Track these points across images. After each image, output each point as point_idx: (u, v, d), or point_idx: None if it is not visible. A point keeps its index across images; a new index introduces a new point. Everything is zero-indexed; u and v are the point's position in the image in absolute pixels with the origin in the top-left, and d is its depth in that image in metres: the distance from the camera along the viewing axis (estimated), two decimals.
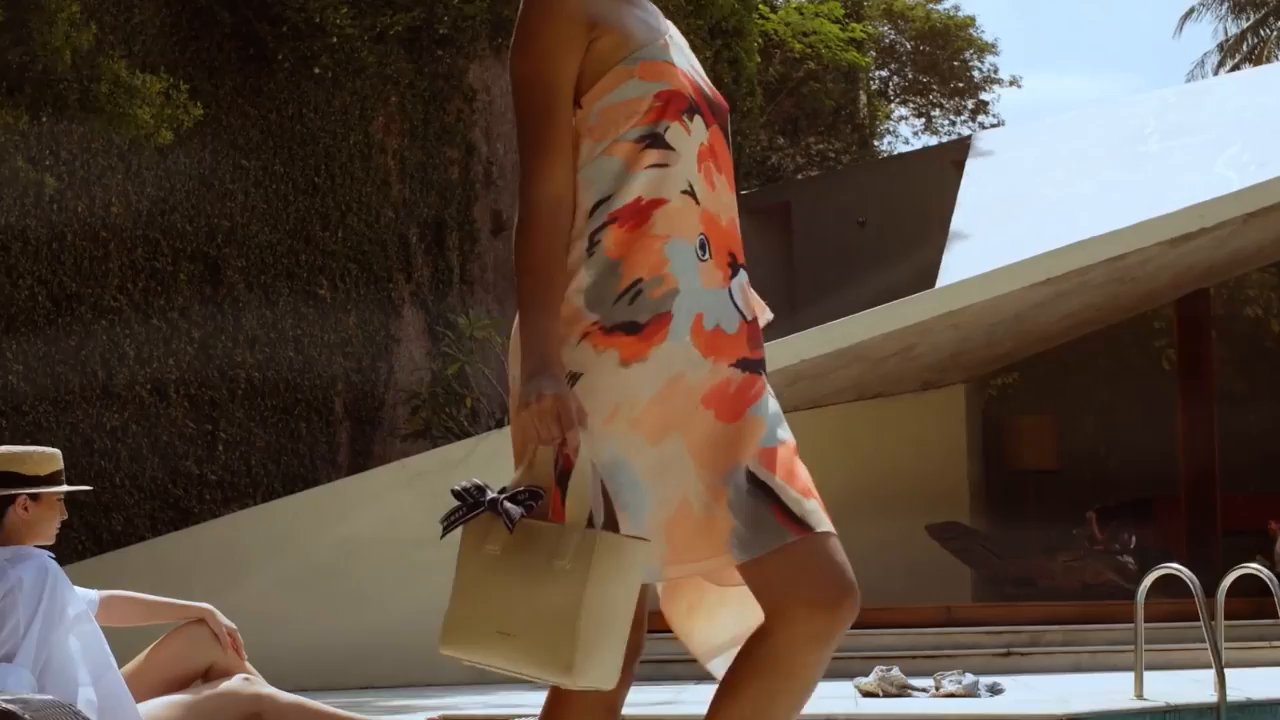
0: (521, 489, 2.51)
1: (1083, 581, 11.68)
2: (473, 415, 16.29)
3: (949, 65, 34.09)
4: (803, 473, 2.60)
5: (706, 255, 2.59)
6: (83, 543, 12.31)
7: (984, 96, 34.70)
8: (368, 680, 10.34)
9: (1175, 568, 7.04)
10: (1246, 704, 7.15)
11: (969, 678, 7.92)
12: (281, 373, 15.03)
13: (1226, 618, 7.56)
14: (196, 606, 4.47)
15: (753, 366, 2.60)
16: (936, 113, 35.39)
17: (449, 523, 2.59)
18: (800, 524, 2.51)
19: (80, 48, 8.28)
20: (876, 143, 35.94)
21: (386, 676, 10.35)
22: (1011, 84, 34.89)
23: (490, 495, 2.54)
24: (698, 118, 2.62)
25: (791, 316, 18.76)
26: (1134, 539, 14.04)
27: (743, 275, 2.65)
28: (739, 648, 2.61)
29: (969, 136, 20.24)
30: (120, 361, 13.12)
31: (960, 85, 34.07)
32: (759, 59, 27.26)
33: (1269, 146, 15.49)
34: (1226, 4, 36.90)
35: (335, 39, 14.68)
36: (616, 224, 2.55)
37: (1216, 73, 36.39)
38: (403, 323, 17.13)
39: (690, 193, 2.58)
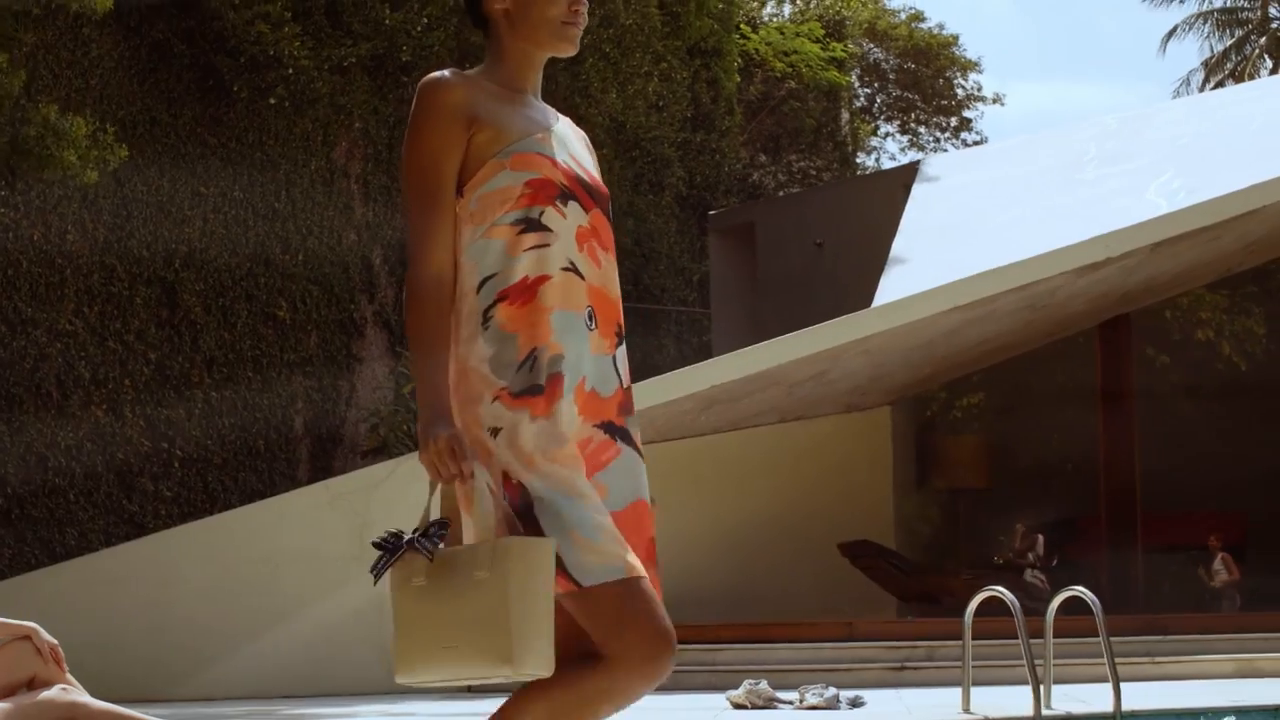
0: (430, 523, 2.80)
1: (968, 597, 12.06)
2: None
3: (932, 83, 34.53)
4: (638, 534, 2.89)
5: (594, 325, 2.90)
6: (36, 556, 12.86)
7: (967, 114, 35.16)
8: (290, 688, 10.85)
9: (999, 590, 7.51)
10: (1066, 718, 7.62)
11: (831, 691, 8.40)
12: (239, 391, 15.57)
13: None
14: (21, 625, 4.94)
15: (613, 431, 2.90)
16: (923, 130, 35.83)
17: (377, 570, 2.81)
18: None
19: (10, 94, 8.79)
20: (863, 159, 36.43)
21: (307, 684, 10.86)
22: (995, 101, 35.33)
23: (406, 537, 2.80)
24: (573, 203, 2.90)
25: (755, 332, 19.28)
26: (1055, 555, 14.49)
27: (623, 346, 2.97)
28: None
29: (918, 161, 20.67)
30: (75, 383, 13.67)
31: (943, 103, 34.50)
32: (739, 78, 27.76)
33: (1200, 174, 15.93)
34: (1209, 23, 37.26)
35: (291, 70, 15.22)
36: (506, 301, 2.84)
37: (1202, 89, 36.77)
38: (365, 342, 17.66)
39: (573, 269, 2.87)
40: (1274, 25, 37.50)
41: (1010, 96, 77.75)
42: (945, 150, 35.58)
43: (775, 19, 33.18)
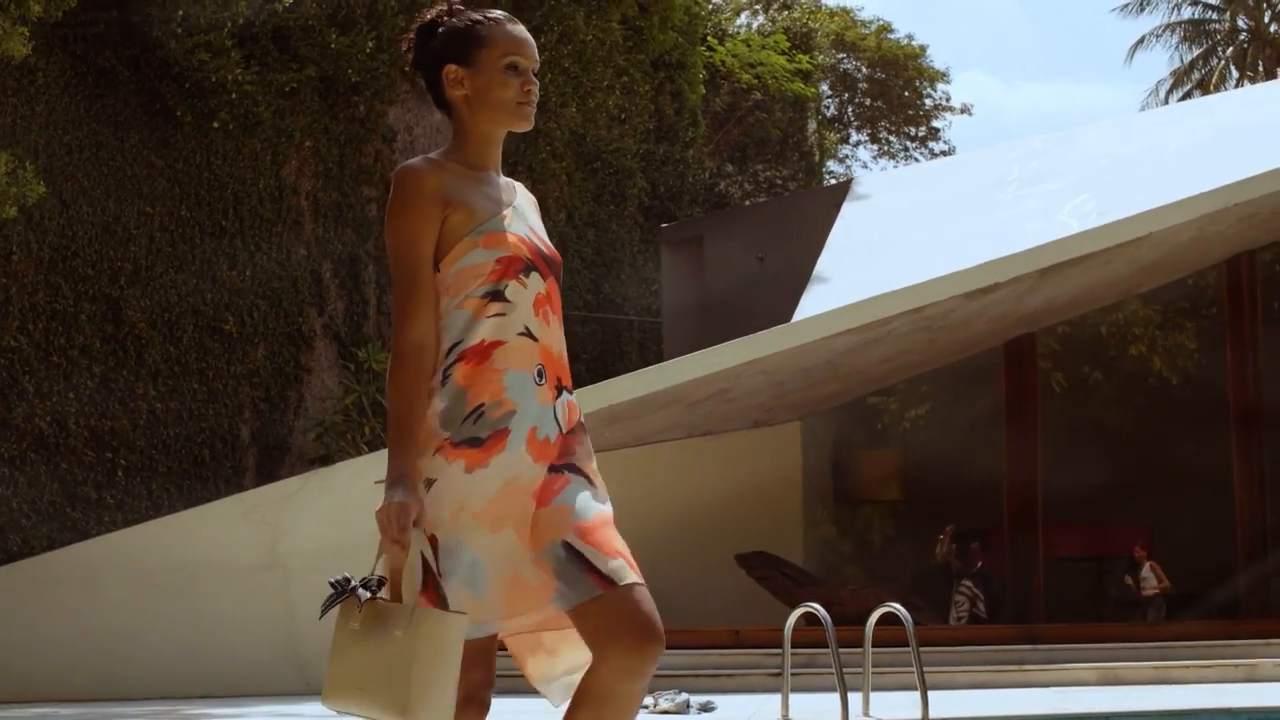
0: (373, 577, 3.13)
1: (868, 607, 12.68)
2: (373, 442, 17.43)
3: (900, 93, 35.09)
4: (613, 537, 3.18)
5: (542, 381, 3.22)
6: None
7: (936, 124, 35.75)
8: (205, 689, 11.49)
9: (814, 607, 8.12)
10: None
11: (682, 696, 9.02)
12: (185, 402, 16.22)
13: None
14: None
15: (559, 469, 3.20)
16: (893, 139, 36.41)
17: (324, 607, 3.15)
18: (607, 580, 3.11)
19: None
20: (835, 168, 37.03)
21: (221, 686, 11.50)
22: (963, 111, 35.89)
23: (353, 584, 3.13)
24: (534, 274, 3.24)
25: (703, 343, 19.87)
26: (977, 563, 15.11)
27: (565, 396, 3.28)
28: (573, 676, 3.29)
29: (850, 180, 21.25)
30: (19, 396, 14.31)
31: (911, 113, 35.07)
32: (703, 90, 28.30)
33: (1112, 196, 16.51)
34: (1177, 34, 37.78)
35: (235, 95, 15.85)
36: (463, 361, 3.16)
37: (1167, 100, 37.29)
38: (314, 354, 18.29)
39: (527, 334, 3.21)
40: (1241, 37, 38.03)
41: (1013, 96, 78.30)
42: (915, 159, 36.21)
43: (744, 30, 33.77)
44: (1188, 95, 36.88)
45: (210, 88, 15.69)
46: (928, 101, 35.31)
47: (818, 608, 8.11)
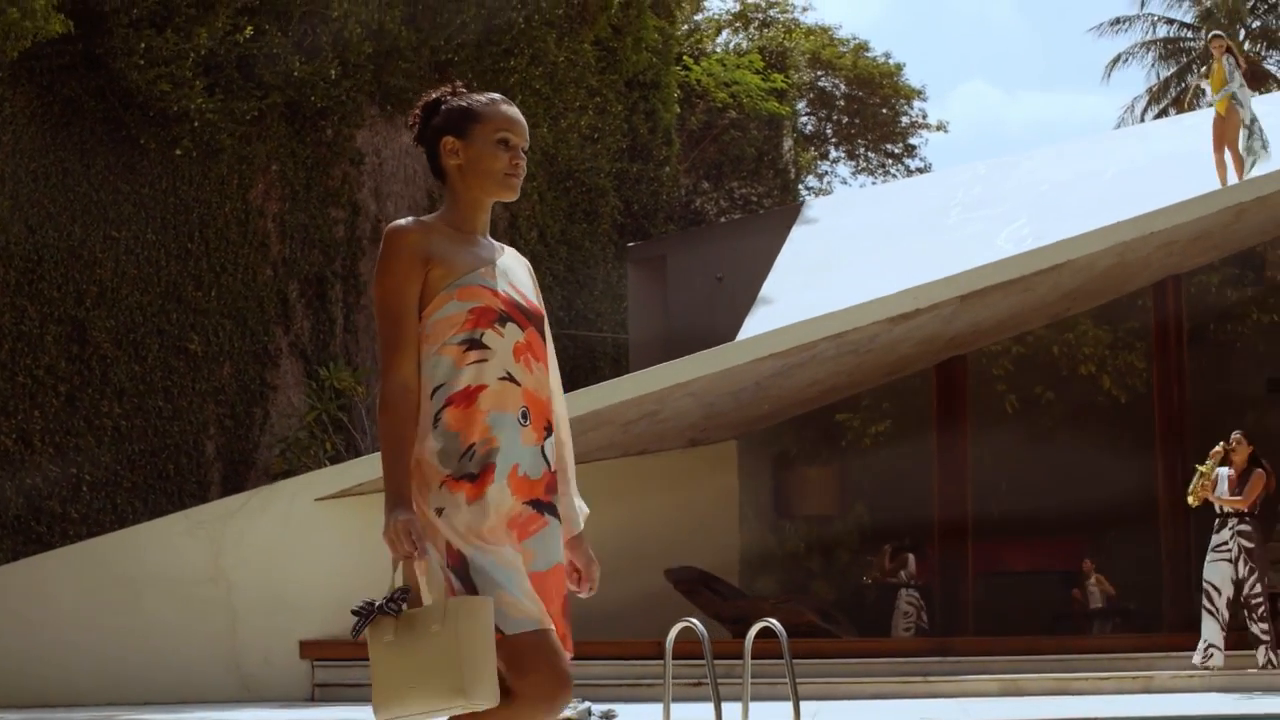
0: (396, 591, 3.47)
1: (788, 621, 13.24)
2: (335, 458, 18.00)
3: (877, 111, 35.64)
4: (555, 591, 3.61)
5: (527, 422, 3.56)
6: None
7: (912, 141, 36.31)
8: (150, 697, 12.07)
9: (691, 622, 8.68)
10: None
11: (585, 705, 9.59)
12: (150, 419, 16.80)
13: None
14: None
15: (540, 507, 3.57)
16: (873, 155, 36.96)
17: (355, 630, 3.46)
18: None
19: None
20: (815, 183, 37.61)
21: (165, 693, 12.08)
22: (939, 129, 36.44)
23: (377, 603, 3.46)
24: (510, 324, 3.58)
25: (665, 360, 20.45)
26: (917, 575, 15.66)
27: (553, 437, 3.66)
28: None
29: (801, 203, 21.82)
30: None
31: (886, 130, 35.62)
32: (678, 109, 28.84)
33: (1048, 220, 17.07)
34: (1153, 52, 38.32)
35: (197, 123, 16.45)
36: (452, 406, 3.52)
37: (1143, 117, 37.82)
38: (280, 371, 18.88)
39: (509, 378, 3.55)
40: None
41: (1015, 107, 78.80)
42: (893, 176, 36.77)
43: (724, 48, 34.34)
44: (1163, 112, 37.40)
45: (173, 116, 16.28)
46: (904, 119, 35.86)
47: (695, 623, 8.67)
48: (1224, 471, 12.05)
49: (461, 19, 21.42)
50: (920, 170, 35.85)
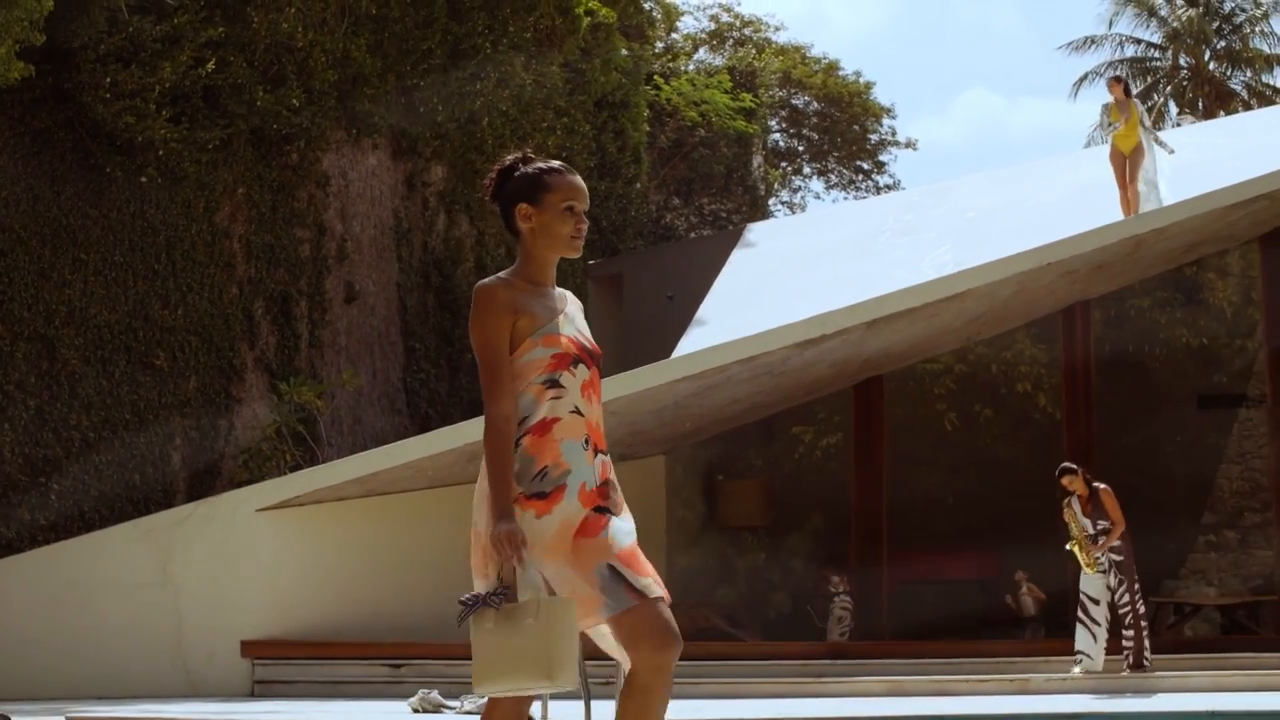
0: (498, 587, 4.11)
1: (696, 625, 14.26)
2: (295, 468, 18.96)
3: (846, 129, 36.57)
4: (643, 560, 4.23)
5: (588, 447, 4.26)
6: None
7: (882, 158, 37.23)
8: (100, 692, 13.05)
9: None
10: None
11: (434, 694, 10.59)
12: (117, 431, 17.79)
13: None
14: None
15: (601, 510, 4.24)
16: (845, 171, 37.88)
17: (461, 618, 4.14)
18: (640, 594, 4.15)
19: None
20: (789, 198, 38.53)
21: (115, 689, 13.06)
22: (908, 146, 37.37)
23: (482, 596, 4.11)
24: (580, 365, 4.26)
25: (620, 372, 21.43)
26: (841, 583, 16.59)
27: (601, 457, 4.31)
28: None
29: (744, 226, 22.76)
30: None
31: (854, 148, 36.54)
32: (647, 128, 29.76)
33: (969, 247, 18.01)
34: (1120, 71, 39.19)
35: (161, 152, 17.44)
36: (530, 434, 4.17)
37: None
38: (245, 385, 19.84)
39: (577, 411, 4.23)
40: (1182, 73, 39.47)
41: (1017, 114, 79.65)
42: (864, 194, 37.70)
43: (697, 67, 35.26)
44: None
45: (138, 145, 17.26)
46: (872, 137, 36.79)
47: None
48: (1076, 506, 12.99)
49: (427, 45, 22.37)
50: (889, 187, 36.78)
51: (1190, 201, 15.58)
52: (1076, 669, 12.87)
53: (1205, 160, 18.35)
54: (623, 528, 4.28)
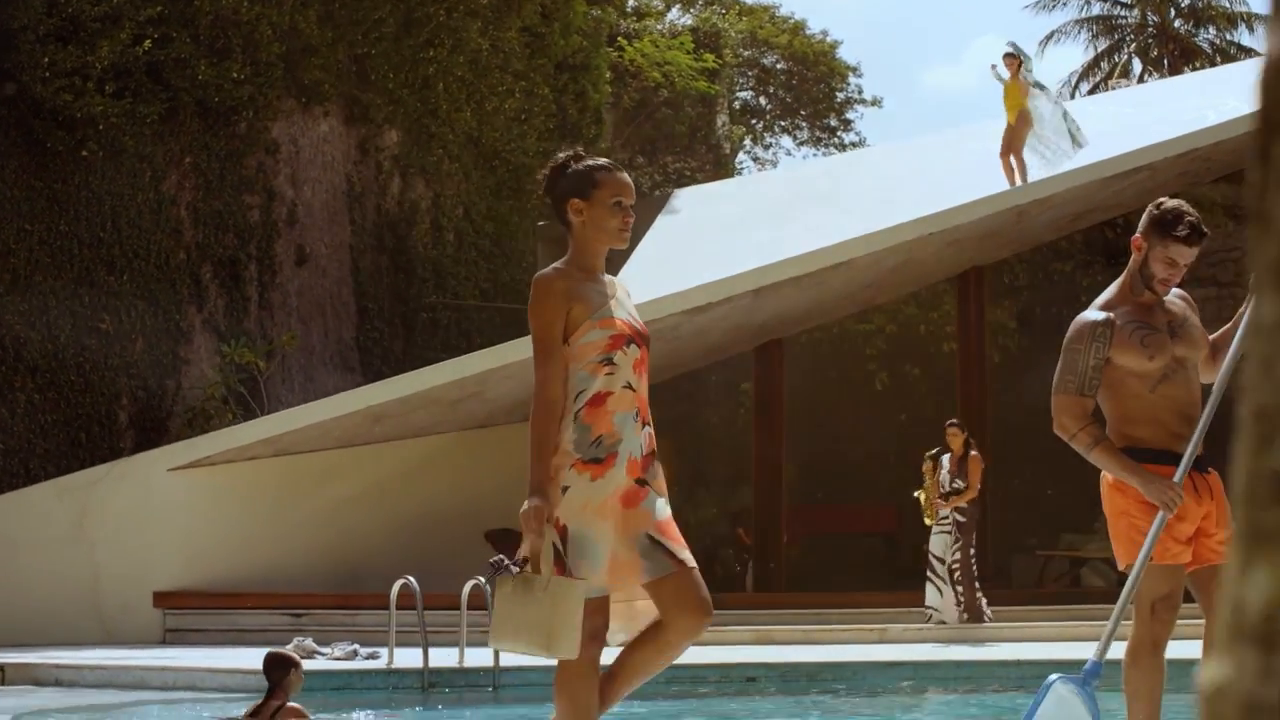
0: (520, 557, 4.52)
1: None
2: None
3: (813, 88, 37.22)
4: (677, 532, 4.58)
5: (637, 419, 4.59)
6: None
7: (849, 115, 37.89)
8: (21, 639, 14.04)
9: (408, 579, 10.55)
10: (446, 669, 10.65)
11: (353, 646, 11.54)
12: (63, 392, 18.74)
13: None
14: None
15: (642, 481, 4.57)
16: (813, 129, 38.56)
17: (488, 578, 5.23)
18: (678, 561, 4.51)
19: None
20: (762, 154, 39.22)
21: (35, 636, 14.05)
22: (873, 104, 37.99)
23: (506, 563, 4.55)
24: (632, 345, 4.62)
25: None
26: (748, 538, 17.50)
27: (647, 429, 4.64)
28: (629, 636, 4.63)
29: (671, 192, 23.51)
30: None
31: (821, 107, 37.20)
32: (608, 89, 30.38)
33: (876, 215, 18.70)
34: (1086, 29, 39.71)
35: (101, 126, 18.31)
36: (588, 405, 4.52)
37: (1074, 94, 39.27)
38: (193, 347, 20.76)
39: (629, 386, 4.58)
40: (1148, 32, 39.95)
41: (1035, 60, 79.72)
42: (831, 150, 38.40)
43: (668, 26, 35.89)
44: (1096, 88, 38.86)
45: (78, 121, 18.13)
46: (839, 96, 37.44)
47: (411, 579, 10.56)
48: (945, 460, 13.85)
49: (379, 15, 23.13)
50: (855, 144, 37.45)
51: (1072, 173, 16.35)
52: (930, 623, 13.75)
53: (1106, 131, 19.06)
54: (659, 500, 4.65)
